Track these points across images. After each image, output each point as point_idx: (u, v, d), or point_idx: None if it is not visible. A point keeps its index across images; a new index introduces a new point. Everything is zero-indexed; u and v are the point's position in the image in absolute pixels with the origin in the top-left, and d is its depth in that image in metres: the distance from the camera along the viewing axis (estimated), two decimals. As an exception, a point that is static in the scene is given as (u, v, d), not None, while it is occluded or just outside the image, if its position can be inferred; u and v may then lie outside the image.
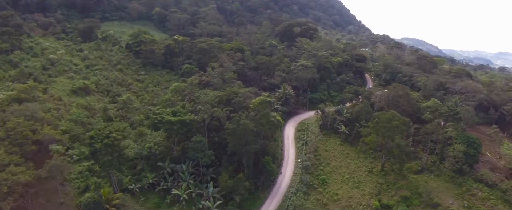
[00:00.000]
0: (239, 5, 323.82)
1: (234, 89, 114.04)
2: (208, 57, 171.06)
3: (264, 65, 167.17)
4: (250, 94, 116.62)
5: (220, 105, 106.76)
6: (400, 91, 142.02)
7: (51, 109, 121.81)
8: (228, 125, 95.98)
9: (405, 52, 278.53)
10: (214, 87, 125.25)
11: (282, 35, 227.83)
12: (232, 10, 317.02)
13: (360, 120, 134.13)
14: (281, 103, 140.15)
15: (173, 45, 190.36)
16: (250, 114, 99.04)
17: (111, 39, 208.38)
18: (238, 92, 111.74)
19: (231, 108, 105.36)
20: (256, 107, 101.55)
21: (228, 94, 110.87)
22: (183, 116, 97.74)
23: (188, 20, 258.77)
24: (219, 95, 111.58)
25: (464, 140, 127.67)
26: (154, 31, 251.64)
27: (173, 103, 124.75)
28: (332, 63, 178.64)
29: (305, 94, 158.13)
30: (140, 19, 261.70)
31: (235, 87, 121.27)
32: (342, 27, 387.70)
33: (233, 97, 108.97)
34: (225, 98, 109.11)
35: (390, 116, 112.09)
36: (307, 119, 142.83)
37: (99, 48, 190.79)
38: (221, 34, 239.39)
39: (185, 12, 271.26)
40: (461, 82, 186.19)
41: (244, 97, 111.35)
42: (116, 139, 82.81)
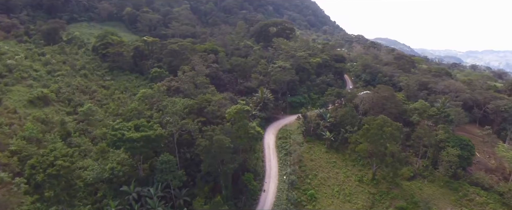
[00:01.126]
0: (213, 5, 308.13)
1: (207, 97, 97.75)
2: (180, 60, 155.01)
3: (239, 67, 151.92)
4: (225, 101, 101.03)
5: (191, 116, 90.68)
6: (385, 92, 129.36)
7: (1, 124, 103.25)
8: (200, 141, 79.66)
9: (381, 51, 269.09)
10: (184, 93, 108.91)
11: (257, 35, 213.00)
12: (206, 10, 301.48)
13: (345, 125, 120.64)
14: (259, 109, 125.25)
15: (142, 47, 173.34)
16: (225, 127, 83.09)
17: (77, 42, 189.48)
18: (211, 100, 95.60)
19: (203, 119, 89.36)
20: (232, 117, 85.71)
21: (200, 102, 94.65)
22: (147, 131, 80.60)
23: (160, 20, 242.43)
24: (189, 103, 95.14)
25: (456, 143, 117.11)
26: (125, 32, 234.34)
27: (140, 113, 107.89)
28: (311, 64, 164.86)
29: (284, 97, 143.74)
30: (110, 20, 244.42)
31: (208, 94, 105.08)
32: (317, 27, 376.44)
33: (206, 105, 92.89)
34: (197, 107, 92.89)
35: (381, 122, 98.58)
36: (288, 124, 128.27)
37: (63, 52, 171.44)
38: (195, 34, 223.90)
39: (158, 12, 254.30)
40: (443, 81, 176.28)
41: (218, 105, 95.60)
42: (63, 167, 64.54)
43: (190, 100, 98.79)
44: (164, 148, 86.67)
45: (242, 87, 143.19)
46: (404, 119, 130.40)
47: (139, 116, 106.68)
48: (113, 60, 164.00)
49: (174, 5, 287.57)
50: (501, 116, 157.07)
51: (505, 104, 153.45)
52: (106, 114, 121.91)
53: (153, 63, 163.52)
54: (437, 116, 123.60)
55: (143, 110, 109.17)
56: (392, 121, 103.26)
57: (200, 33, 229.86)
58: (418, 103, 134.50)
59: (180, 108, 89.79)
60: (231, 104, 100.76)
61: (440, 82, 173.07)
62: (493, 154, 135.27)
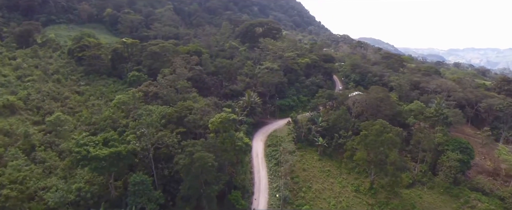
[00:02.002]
0: (197, 6, 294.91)
1: (188, 104, 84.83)
2: (161, 62, 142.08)
3: (224, 69, 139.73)
4: (209, 108, 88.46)
5: (170, 126, 78.18)
6: (379, 93, 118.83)
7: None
8: (179, 159, 66.97)
9: (368, 51, 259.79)
10: (163, 99, 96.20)
11: (243, 36, 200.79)
12: (190, 11, 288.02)
13: (339, 129, 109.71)
14: (246, 113, 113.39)
15: (121, 49, 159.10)
16: (208, 140, 70.74)
17: (51, 44, 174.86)
18: (192, 107, 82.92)
19: (184, 129, 76.88)
20: (216, 128, 73.42)
21: (179, 110, 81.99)
22: (118, 146, 67.64)
23: (142, 21, 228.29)
24: (168, 112, 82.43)
25: (456, 146, 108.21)
26: (106, 34, 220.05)
27: (115, 121, 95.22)
28: (299, 65, 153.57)
29: (273, 100, 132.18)
30: (90, 21, 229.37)
31: (190, 100, 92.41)
32: (302, 27, 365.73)
33: (187, 114, 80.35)
34: (176, 116, 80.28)
35: (380, 127, 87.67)
36: (277, 130, 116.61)
37: (36, 55, 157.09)
38: (178, 36, 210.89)
39: (140, 13, 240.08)
40: (434, 80, 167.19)
41: (201, 113, 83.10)
42: (10, 198, 51.03)
43: (168, 107, 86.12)
44: (140, 163, 74.17)
45: (228, 90, 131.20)
46: (399, 121, 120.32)
47: (114, 125, 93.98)
48: (89, 63, 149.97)
49: (157, 6, 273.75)
50: (493, 115, 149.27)
51: (499, 103, 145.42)
52: (78, 123, 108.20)
53: (133, 66, 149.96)
54: (435, 117, 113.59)
55: (118, 118, 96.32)
56: (392, 126, 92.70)
57: (183, 34, 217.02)
58: (413, 104, 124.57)
59: (157, 118, 77.07)
60: (215, 111, 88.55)
61: (432, 82, 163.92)
62: (488, 155, 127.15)
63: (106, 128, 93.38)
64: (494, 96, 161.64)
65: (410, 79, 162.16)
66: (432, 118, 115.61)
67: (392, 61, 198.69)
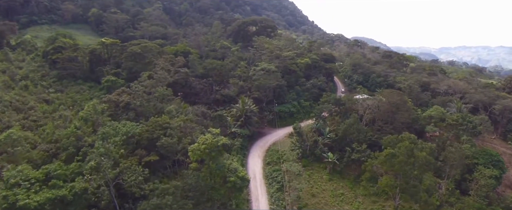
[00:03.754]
0: (188, 5, 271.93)
1: (163, 119, 62.07)
2: (142, 64, 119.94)
3: (215, 71, 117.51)
4: (192, 124, 65.99)
5: (139, 151, 55.98)
6: (395, 98, 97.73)
7: None
8: (144, 207, 44.99)
9: (365, 50, 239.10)
10: (137, 112, 73.77)
11: (235, 35, 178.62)
12: (180, 11, 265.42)
13: (350, 142, 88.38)
14: (240, 124, 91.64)
15: (99, 50, 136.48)
16: (188, 178, 48.61)
17: (26, 46, 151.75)
18: (168, 126, 60.22)
19: (155, 158, 54.73)
20: (200, 157, 51.31)
21: (151, 129, 59.63)
22: (62, 187, 45.11)
23: (129, 21, 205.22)
24: (136, 131, 60.01)
25: (487, 160, 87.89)
26: (91, 35, 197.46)
27: (79, 139, 72.62)
28: (298, 65, 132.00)
29: (270, 107, 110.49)
30: (75, 22, 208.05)
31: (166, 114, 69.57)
32: (296, 27, 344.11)
33: (160, 135, 58.05)
34: (147, 138, 57.98)
35: (410, 145, 66.35)
36: (278, 142, 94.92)
37: (7, 58, 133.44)
38: (166, 36, 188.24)
39: (127, 13, 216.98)
40: (444, 81, 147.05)
41: (181, 132, 60.70)
42: None
43: (138, 124, 63.81)
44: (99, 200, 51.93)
45: (219, 95, 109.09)
46: (415, 129, 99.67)
47: (78, 144, 71.41)
48: (63, 67, 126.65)
49: (146, 5, 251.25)
50: (507, 117, 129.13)
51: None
52: (40, 140, 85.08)
53: (111, 69, 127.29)
54: (462, 126, 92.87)
55: (84, 134, 73.74)
56: (422, 141, 71.60)
57: (172, 34, 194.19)
58: (432, 109, 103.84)
59: (119, 142, 54.78)
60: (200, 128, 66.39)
61: (442, 82, 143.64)
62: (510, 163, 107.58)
63: (68, 148, 71.19)
64: (506, 96, 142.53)
65: (418, 79, 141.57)
66: (457, 126, 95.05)
67: (395, 60, 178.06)
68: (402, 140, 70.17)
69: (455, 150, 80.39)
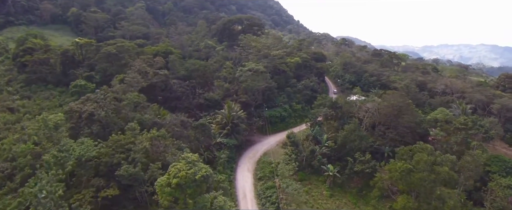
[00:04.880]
0: (171, 5, 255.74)
1: (125, 138, 46.90)
2: (118, 66, 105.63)
3: (198, 72, 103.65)
4: (165, 142, 51.54)
5: (96, 180, 41.67)
6: (398, 101, 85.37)
7: None
8: None
9: (353, 48, 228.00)
10: (103, 123, 59.09)
11: (220, 34, 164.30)
12: (164, 10, 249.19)
13: (352, 151, 75.70)
14: (226, 132, 77.93)
15: (72, 51, 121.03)
16: None
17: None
18: (131, 147, 45.55)
19: (115, 192, 40.39)
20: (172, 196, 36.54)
21: (111, 150, 45.08)
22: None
23: (109, 20, 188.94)
24: (92, 155, 45.25)
25: (501, 167, 76.69)
26: (69, 36, 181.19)
27: (37, 156, 57.88)
28: (288, 65, 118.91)
29: (260, 111, 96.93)
30: (54, 22, 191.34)
31: (128, 131, 54.74)
32: (282, 26, 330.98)
33: (123, 158, 43.56)
34: (106, 163, 43.52)
35: (430, 158, 53.86)
36: (269, 152, 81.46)
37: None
38: (148, 35, 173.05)
39: (109, 12, 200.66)
40: (441, 80, 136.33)
41: (153, 153, 46.35)
42: None
43: (97, 144, 49.10)
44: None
45: (202, 99, 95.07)
46: (419, 133, 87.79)
47: (36, 163, 56.70)
48: (33, 70, 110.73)
49: (128, 5, 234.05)
50: (505, 116, 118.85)
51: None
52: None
53: (85, 71, 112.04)
54: (472, 131, 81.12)
55: (43, 150, 58.80)
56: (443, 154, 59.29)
57: (154, 33, 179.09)
58: (437, 111, 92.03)
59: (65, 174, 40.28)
60: (175, 147, 52.31)
61: (438, 81, 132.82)
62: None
63: (25, 168, 56.55)
64: (502, 95, 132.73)
65: (414, 79, 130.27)
66: (466, 130, 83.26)
67: (386, 58, 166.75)
68: (419, 150, 57.62)
69: (472, 159, 68.31)
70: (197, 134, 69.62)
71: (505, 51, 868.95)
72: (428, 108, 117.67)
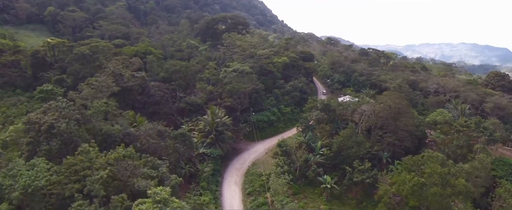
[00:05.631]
0: (154, 4, 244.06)
1: (78, 162, 36.38)
2: (91, 68, 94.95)
3: (179, 74, 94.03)
4: (134, 162, 41.16)
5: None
6: (396, 102, 77.71)
7: None
8: None
9: (339, 48, 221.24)
10: (64, 137, 48.80)
11: (203, 33, 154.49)
12: (146, 10, 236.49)
13: (349, 158, 67.67)
14: (210, 141, 68.69)
15: (43, 52, 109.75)
16: None
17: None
18: (88, 173, 35.39)
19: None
20: None
21: (64, 179, 34.90)
22: None
23: (87, 20, 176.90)
24: (39, 185, 34.66)
25: (507, 171, 70.34)
26: (46, 36, 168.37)
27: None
28: (275, 65, 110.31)
29: (246, 115, 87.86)
30: (30, 22, 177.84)
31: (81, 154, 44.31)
32: (266, 26, 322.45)
33: (76, 189, 33.33)
34: (57, 197, 33.14)
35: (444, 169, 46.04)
36: (258, 161, 72.58)
37: None
38: (128, 35, 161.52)
39: (88, 12, 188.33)
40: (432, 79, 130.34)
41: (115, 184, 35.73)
42: None
43: (49, 168, 38.81)
44: None
45: (183, 104, 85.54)
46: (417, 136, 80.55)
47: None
48: (0, 73, 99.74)
49: (108, 4, 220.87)
50: (497, 115, 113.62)
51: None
52: None
53: (55, 75, 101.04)
54: (477, 134, 74.21)
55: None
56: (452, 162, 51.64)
57: (134, 33, 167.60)
58: (436, 113, 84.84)
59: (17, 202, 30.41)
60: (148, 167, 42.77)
61: (430, 80, 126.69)
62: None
63: None
64: (493, 93, 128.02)
65: (405, 78, 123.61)
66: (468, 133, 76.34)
67: (374, 57, 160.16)
68: (428, 160, 49.77)
69: (481, 166, 61.12)
70: (176, 144, 60.20)
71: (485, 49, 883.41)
72: (421, 108, 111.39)
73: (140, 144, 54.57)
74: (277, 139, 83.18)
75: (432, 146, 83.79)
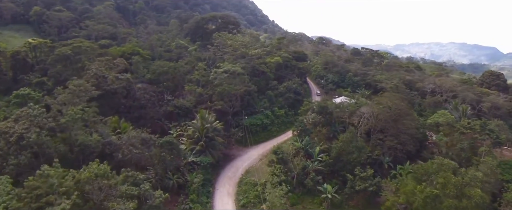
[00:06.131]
0: (143, 4, 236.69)
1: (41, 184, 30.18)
2: (73, 70, 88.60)
3: (167, 76, 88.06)
4: (110, 184, 34.79)
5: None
6: (397, 103, 72.90)
7: None
8: None
9: (331, 47, 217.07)
10: (33, 150, 42.37)
11: (193, 33, 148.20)
12: (135, 9, 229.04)
13: (350, 164, 62.60)
14: (199, 149, 62.87)
15: (23, 53, 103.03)
16: None
17: None
18: (49, 201, 29.32)
19: None
20: None
21: (22, 206, 28.78)
22: None
23: (74, 20, 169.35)
24: None
25: (515, 175, 65.87)
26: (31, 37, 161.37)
27: None
28: (268, 66, 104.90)
29: (238, 119, 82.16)
30: (15, 22, 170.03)
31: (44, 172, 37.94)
32: (257, 26, 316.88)
33: None
34: None
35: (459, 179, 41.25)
36: (252, 169, 66.92)
37: None
38: (115, 35, 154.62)
39: (75, 11, 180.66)
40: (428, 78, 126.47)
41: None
42: None
43: (10, 191, 32.50)
44: None
45: (171, 107, 79.58)
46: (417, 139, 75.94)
47: None
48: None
49: (96, 3, 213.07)
50: (494, 114, 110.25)
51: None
52: None
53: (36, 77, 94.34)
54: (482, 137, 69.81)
55: None
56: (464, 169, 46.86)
57: (122, 33, 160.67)
58: (438, 115, 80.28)
59: None
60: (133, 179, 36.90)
61: (426, 80, 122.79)
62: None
63: None
64: (489, 92, 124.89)
65: (401, 78, 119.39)
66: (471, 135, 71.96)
67: (367, 56, 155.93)
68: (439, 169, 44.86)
69: (490, 172, 56.57)
70: (163, 154, 54.33)
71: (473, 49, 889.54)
72: (418, 108, 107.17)
73: (121, 155, 48.62)
74: (271, 143, 78.38)
75: (432, 149, 79.48)
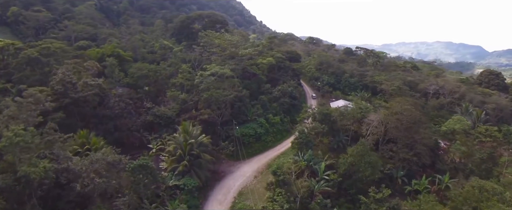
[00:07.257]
0: (128, 4, 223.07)
1: None
2: (42, 74, 76.26)
3: (147, 79, 76.16)
4: None
5: None
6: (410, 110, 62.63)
7: None
8: None
9: (321, 47, 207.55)
10: None
11: (178, 33, 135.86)
12: (119, 10, 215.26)
13: (363, 182, 52.08)
14: (182, 169, 51.29)
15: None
16: None
17: None
18: None
19: None
20: None
21: None
22: None
23: (53, 20, 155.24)
24: None
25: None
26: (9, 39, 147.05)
27: None
28: (260, 67, 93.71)
29: (228, 128, 70.66)
30: None
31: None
32: (245, 27, 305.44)
33: None
34: None
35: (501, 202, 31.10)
36: (245, 190, 55.63)
37: None
38: (96, 36, 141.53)
39: (55, 12, 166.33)
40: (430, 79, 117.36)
41: None
42: None
43: None
44: None
45: (151, 116, 67.71)
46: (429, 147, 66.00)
47: None
48: None
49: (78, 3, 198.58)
50: (497, 116, 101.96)
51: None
52: None
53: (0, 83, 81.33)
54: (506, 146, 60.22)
55: None
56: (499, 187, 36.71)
57: (104, 34, 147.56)
58: (453, 121, 70.32)
59: None
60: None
61: (427, 81, 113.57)
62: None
63: None
64: (491, 93, 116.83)
65: (403, 79, 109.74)
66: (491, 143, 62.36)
67: (363, 56, 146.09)
68: (484, 197, 34.57)
69: None
70: (136, 178, 42.69)
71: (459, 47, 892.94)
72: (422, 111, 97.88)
73: (80, 186, 36.86)
74: (266, 156, 67.42)
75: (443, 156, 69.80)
